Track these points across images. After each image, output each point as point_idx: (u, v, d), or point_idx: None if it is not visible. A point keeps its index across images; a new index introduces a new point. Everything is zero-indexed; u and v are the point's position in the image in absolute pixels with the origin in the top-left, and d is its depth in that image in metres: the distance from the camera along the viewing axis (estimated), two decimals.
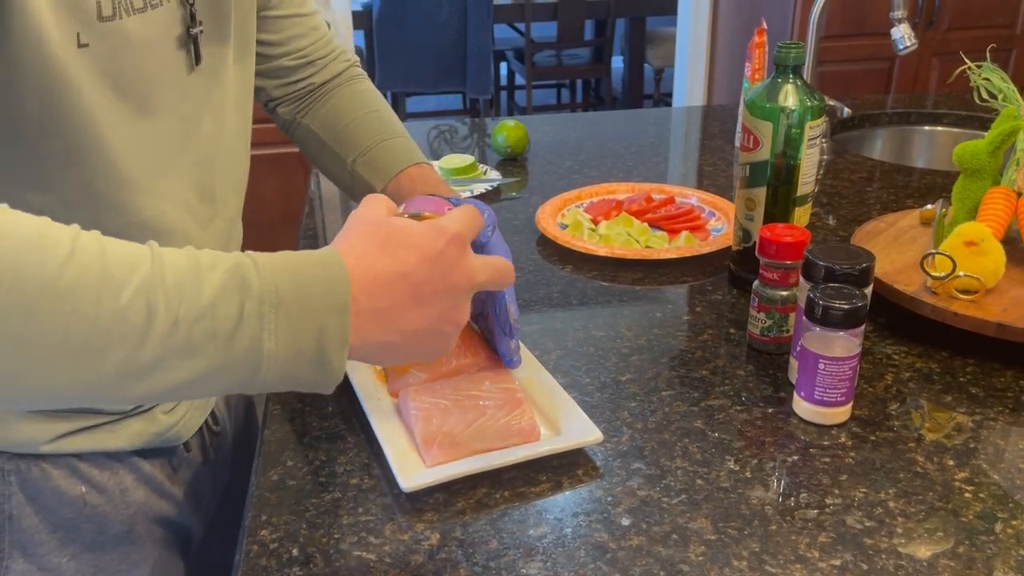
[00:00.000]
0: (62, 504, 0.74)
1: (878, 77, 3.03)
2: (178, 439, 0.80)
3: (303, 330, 0.49)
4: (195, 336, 0.47)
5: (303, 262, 0.51)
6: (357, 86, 0.97)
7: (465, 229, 0.57)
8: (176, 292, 0.46)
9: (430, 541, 0.64)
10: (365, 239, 0.54)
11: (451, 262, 0.55)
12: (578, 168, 1.43)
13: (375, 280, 0.52)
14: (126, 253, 0.47)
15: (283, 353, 0.49)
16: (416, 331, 0.54)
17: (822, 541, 0.63)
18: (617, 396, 0.81)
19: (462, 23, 3.72)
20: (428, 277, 0.54)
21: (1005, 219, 0.95)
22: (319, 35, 0.95)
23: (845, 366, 0.74)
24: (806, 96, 0.91)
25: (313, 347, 0.50)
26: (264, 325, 0.48)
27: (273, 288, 0.49)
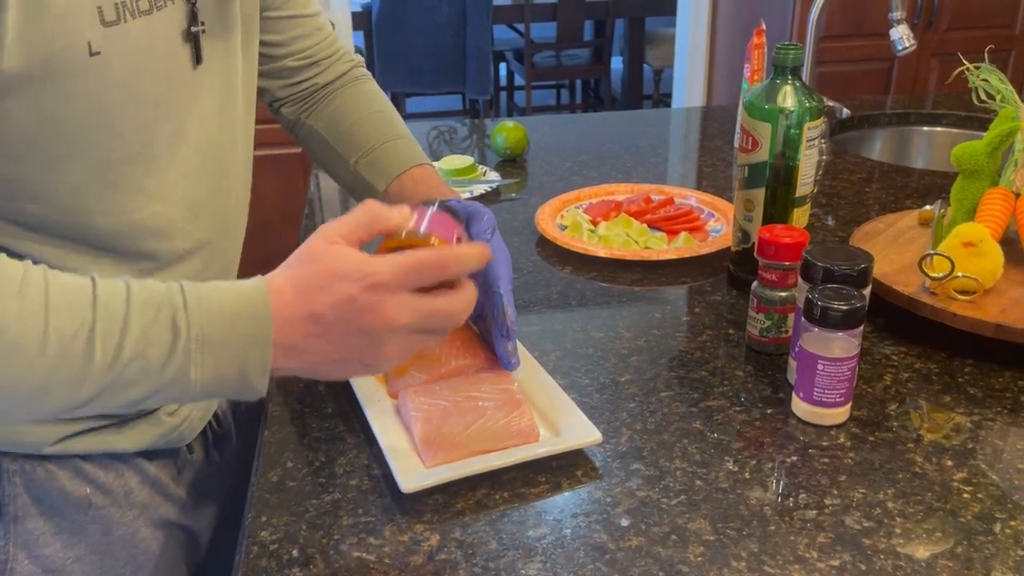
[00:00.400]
0: (67, 505, 0.74)
1: (877, 78, 3.04)
2: (181, 440, 0.81)
3: (226, 362, 0.55)
4: (130, 372, 0.53)
5: (230, 300, 0.56)
6: (361, 86, 0.98)
7: (392, 278, 0.56)
8: (113, 336, 0.52)
9: (429, 542, 0.64)
10: (294, 277, 0.58)
11: (363, 308, 0.56)
12: (577, 169, 1.43)
13: (287, 319, 0.56)
14: (70, 301, 0.52)
15: (208, 381, 0.55)
16: (330, 362, 0.58)
17: (821, 541, 0.64)
18: (616, 397, 0.81)
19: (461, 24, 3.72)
20: (337, 320, 0.56)
21: (1003, 220, 0.95)
22: (323, 36, 0.95)
23: (844, 367, 0.74)
24: (805, 97, 0.91)
25: (236, 375, 0.56)
26: (191, 360, 0.54)
27: (199, 329, 0.54)
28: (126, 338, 0.52)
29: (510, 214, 1.25)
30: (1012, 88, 1.05)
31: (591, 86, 4.97)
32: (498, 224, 1.20)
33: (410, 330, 0.57)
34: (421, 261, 0.56)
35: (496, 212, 1.26)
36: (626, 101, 4.63)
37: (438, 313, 0.58)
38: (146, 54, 0.63)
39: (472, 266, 0.58)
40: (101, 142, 0.63)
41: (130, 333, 0.53)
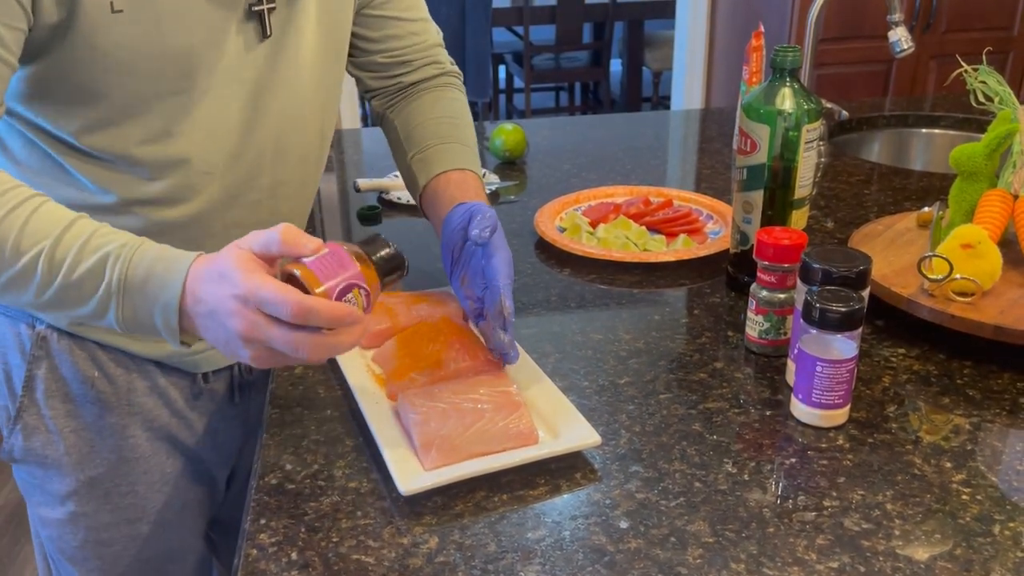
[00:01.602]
0: (75, 380, 0.87)
1: (876, 79, 3.04)
2: (195, 367, 0.91)
3: (141, 310, 0.67)
4: (68, 297, 0.67)
5: (158, 265, 0.66)
6: (443, 92, 1.01)
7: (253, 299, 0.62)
8: (58, 265, 0.66)
9: (428, 544, 0.64)
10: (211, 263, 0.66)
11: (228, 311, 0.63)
12: (576, 171, 1.43)
13: (193, 294, 0.66)
14: (38, 229, 0.66)
15: (128, 320, 0.67)
16: (215, 340, 0.66)
17: (820, 543, 0.64)
18: (615, 399, 0.81)
19: (460, 26, 3.72)
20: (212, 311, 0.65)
21: (1002, 222, 0.95)
22: (417, 40, 1.00)
23: (842, 368, 0.74)
24: (803, 99, 0.91)
25: (149, 324, 0.67)
26: (112, 302, 0.66)
27: (122, 279, 0.66)
28: (64, 269, 0.66)
29: (509, 216, 1.25)
30: (1010, 90, 1.06)
31: (590, 88, 4.97)
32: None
33: (259, 347, 0.64)
34: (278, 299, 0.61)
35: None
36: (625, 103, 4.63)
37: (286, 344, 0.63)
38: (172, 14, 0.72)
39: (322, 323, 0.62)
40: (127, 85, 0.73)
41: (68, 266, 0.66)
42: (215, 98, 0.78)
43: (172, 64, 0.74)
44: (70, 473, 0.89)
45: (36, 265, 0.66)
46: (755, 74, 1.41)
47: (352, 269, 0.65)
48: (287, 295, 0.61)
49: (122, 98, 0.74)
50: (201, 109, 0.77)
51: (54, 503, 0.91)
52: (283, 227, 0.64)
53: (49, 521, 0.92)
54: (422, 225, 1.23)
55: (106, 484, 0.90)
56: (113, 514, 0.91)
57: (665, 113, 1.87)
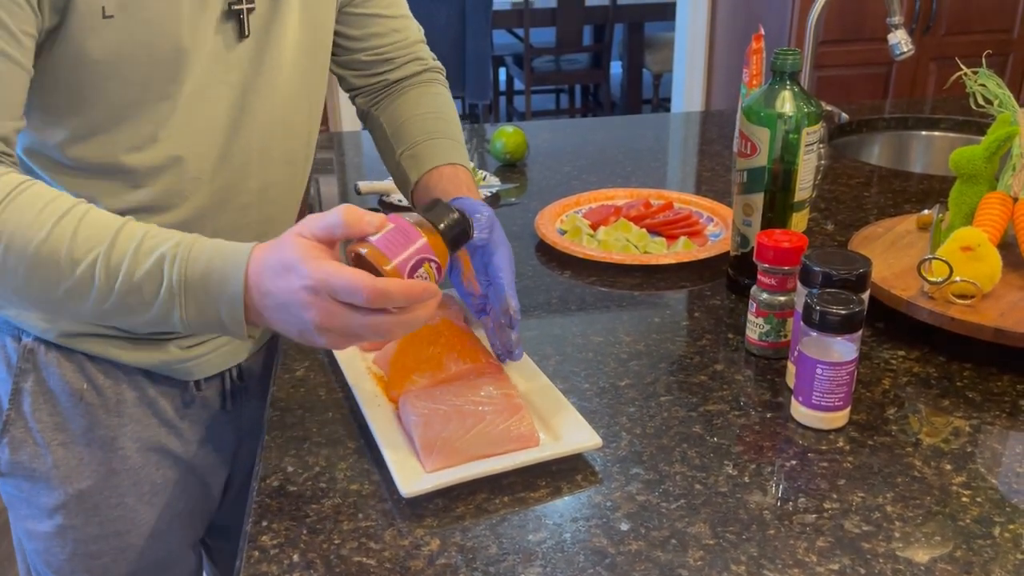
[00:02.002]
0: (63, 393, 0.85)
1: (876, 82, 3.04)
2: (188, 375, 0.89)
3: (206, 307, 0.65)
4: (128, 303, 0.65)
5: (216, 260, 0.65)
6: (427, 88, 1.01)
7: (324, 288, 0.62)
8: (115, 271, 0.64)
9: (430, 546, 0.64)
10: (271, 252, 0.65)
11: (300, 303, 0.63)
12: (577, 174, 1.44)
13: (256, 287, 0.65)
14: (90, 236, 0.65)
15: (192, 321, 0.66)
16: (286, 329, 0.66)
17: (820, 545, 0.64)
18: (616, 401, 0.82)
19: (461, 28, 3.72)
20: (282, 304, 0.64)
21: (1001, 224, 0.96)
22: (400, 37, 1.00)
23: (843, 371, 0.74)
24: (803, 102, 0.91)
25: (215, 320, 0.66)
26: (175, 303, 0.65)
27: (183, 278, 0.65)
28: (124, 271, 0.64)
29: (509, 219, 1.25)
30: (1009, 93, 1.06)
31: (590, 91, 4.98)
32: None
33: (337, 334, 0.63)
34: (351, 287, 0.61)
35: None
36: (625, 106, 4.64)
37: (364, 329, 0.63)
38: (160, 17, 0.72)
39: (398, 303, 0.62)
40: (116, 90, 0.73)
41: (126, 272, 0.64)
42: (201, 100, 0.77)
43: (161, 68, 0.73)
44: (58, 486, 0.87)
45: (93, 274, 0.64)
46: (755, 77, 1.41)
47: (420, 241, 0.64)
48: (360, 281, 0.60)
49: (110, 104, 0.74)
50: (187, 112, 0.77)
51: (41, 516, 0.89)
52: (344, 208, 0.63)
53: (36, 534, 0.90)
54: None
55: (95, 497, 0.88)
56: (102, 527, 0.90)
57: (665, 115, 1.87)
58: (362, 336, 0.64)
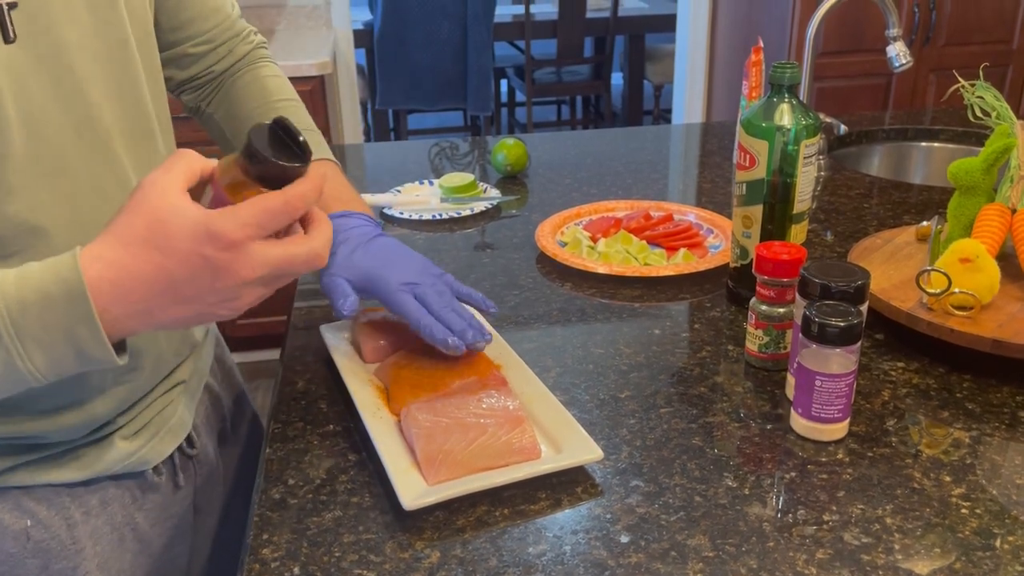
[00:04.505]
0: (5, 538, 0.71)
1: (876, 93, 3.05)
2: (144, 464, 0.78)
3: (54, 344, 0.53)
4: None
5: (42, 282, 0.53)
6: (259, 72, 0.92)
7: (243, 233, 0.54)
8: None
9: (430, 559, 0.64)
10: (125, 236, 0.55)
11: (218, 267, 0.54)
12: (577, 186, 1.44)
13: (121, 286, 0.54)
14: None
15: (44, 366, 0.54)
16: (184, 318, 0.56)
17: (820, 557, 0.64)
18: (616, 413, 0.82)
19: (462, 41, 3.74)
20: (189, 279, 0.54)
21: (1000, 236, 0.96)
22: (222, 17, 0.89)
23: (842, 383, 0.74)
24: (801, 115, 0.92)
25: (72, 354, 0.54)
26: (13, 352, 0.53)
27: (8, 320, 0.52)
28: None
29: (510, 231, 1.26)
30: (1007, 105, 1.06)
31: (591, 102, 4.99)
32: (499, 241, 1.21)
33: (266, 281, 0.56)
34: (268, 210, 0.53)
35: (496, 229, 1.27)
36: (626, 117, 4.65)
37: (295, 260, 0.56)
38: None
39: (313, 199, 0.56)
40: None
41: None
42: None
43: None
44: None
45: None
46: (755, 89, 1.42)
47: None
48: (273, 200, 0.53)
49: None
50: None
51: None
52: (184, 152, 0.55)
53: None
54: (424, 240, 1.24)
55: None
56: None
57: (666, 127, 1.88)
58: (294, 273, 0.56)
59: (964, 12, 2.98)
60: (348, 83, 3.18)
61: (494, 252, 1.19)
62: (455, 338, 0.79)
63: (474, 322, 0.81)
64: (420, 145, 1.71)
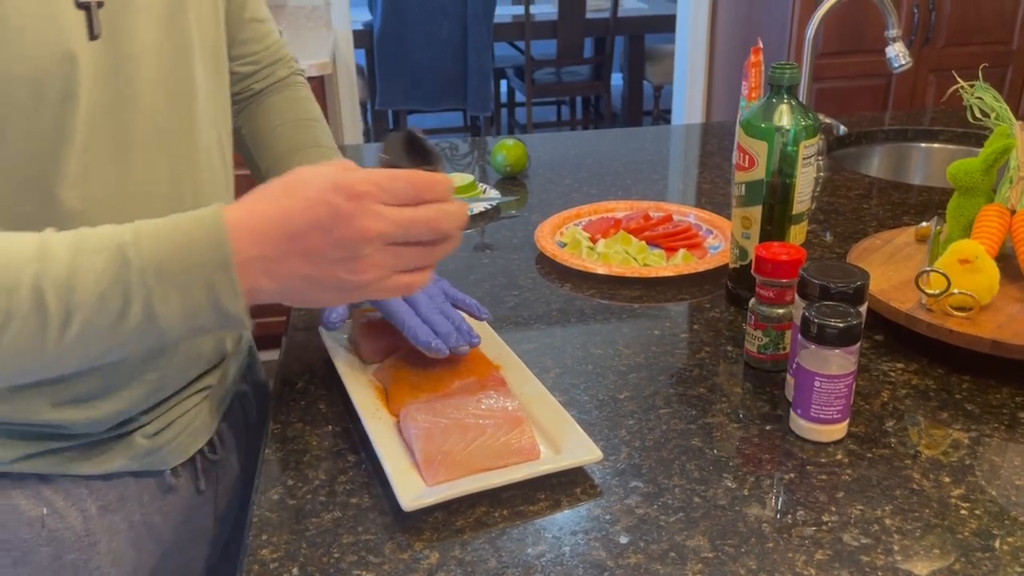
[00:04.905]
0: (20, 524, 0.73)
1: (875, 94, 3.05)
2: (163, 464, 0.79)
3: (192, 290, 0.53)
4: (90, 320, 0.52)
5: (182, 226, 0.54)
6: (288, 92, 0.95)
7: (375, 188, 0.55)
8: (65, 285, 0.51)
9: (429, 560, 0.64)
10: (264, 190, 0.57)
11: (340, 214, 0.55)
12: (577, 186, 1.44)
13: (254, 230, 0.55)
14: (12, 255, 0.51)
15: (178, 314, 0.54)
16: (306, 276, 0.56)
17: (819, 558, 0.64)
18: (615, 414, 0.82)
19: (462, 41, 3.74)
20: (312, 226, 0.55)
21: (999, 236, 0.96)
22: (271, 41, 0.94)
23: (841, 383, 0.74)
24: (800, 116, 0.92)
25: (207, 304, 0.54)
26: (152, 296, 0.53)
27: (155, 261, 0.53)
28: (77, 281, 0.51)
29: (510, 231, 1.26)
30: (1006, 106, 1.06)
31: (591, 102, 5.00)
32: (499, 241, 1.21)
33: (387, 241, 0.56)
34: (394, 175, 0.55)
35: (496, 229, 1.27)
36: (626, 117, 4.66)
37: (418, 223, 0.56)
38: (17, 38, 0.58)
39: (443, 196, 0.57)
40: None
41: (79, 275, 0.51)
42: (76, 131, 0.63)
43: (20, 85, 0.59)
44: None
45: (39, 301, 0.51)
46: (754, 89, 1.42)
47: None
48: (401, 171, 0.54)
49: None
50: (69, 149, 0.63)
51: None
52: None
53: None
54: None
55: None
56: None
57: (665, 128, 1.88)
58: (416, 239, 0.56)
59: (963, 13, 2.98)
60: (348, 83, 3.18)
61: (493, 253, 1.19)
62: (438, 341, 0.78)
63: (463, 325, 0.81)
64: None
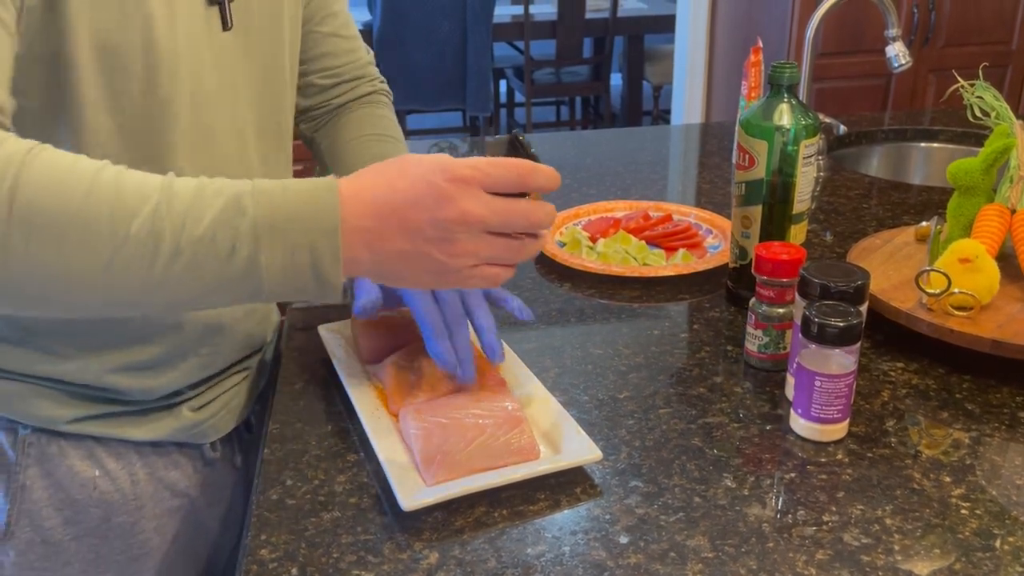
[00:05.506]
0: (74, 484, 0.78)
1: (875, 94, 3.05)
2: (204, 437, 0.85)
3: (296, 248, 0.56)
4: (198, 257, 0.54)
5: (299, 188, 0.57)
6: (372, 109, 0.98)
7: (478, 173, 0.58)
8: (180, 219, 0.54)
9: (429, 560, 0.64)
10: (376, 167, 0.60)
11: (442, 194, 0.57)
12: (576, 186, 1.44)
13: (362, 201, 0.58)
14: (140, 185, 0.55)
15: (279, 269, 0.56)
16: (402, 252, 0.59)
17: (819, 558, 0.64)
18: (615, 414, 0.82)
19: (462, 41, 3.74)
20: (414, 203, 0.58)
21: (999, 236, 0.96)
22: (354, 58, 0.98)
23: (841, 383, 0.74)
24: (800, 115, 0.92)
25: (308, 263, 0.56)
26: (259, 246, 0.55)
27: (268, 212, 0.55)
28: (191, 218, 0.54)
29: None
30: (1006, 105, 1.06)
31: (591, 102, 4.99)
32: None
33: (485, 228, 0.58)
34: (498, 162, 0.58)
35: None
36: (625, 117, 4.65)
37: (515, 212, 0.59)
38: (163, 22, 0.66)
39: (548, 183, 0.61)
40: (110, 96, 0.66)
41: (195, 213, 0.54)
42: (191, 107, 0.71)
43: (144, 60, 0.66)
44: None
45: (153, 228, 0.53)
46: (754, 89, 1.42)
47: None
48: (505, 159, 0.57)
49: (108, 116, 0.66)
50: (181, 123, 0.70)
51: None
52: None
53: None
54: None
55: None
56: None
57: (665, 128, 1.88)
58: (511, 228, 0.59)
59: (963, 13, 2.98)
60: None
61: None
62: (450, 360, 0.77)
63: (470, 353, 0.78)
64: (419, 145, 1.71)
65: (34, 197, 0.52)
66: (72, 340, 0.76)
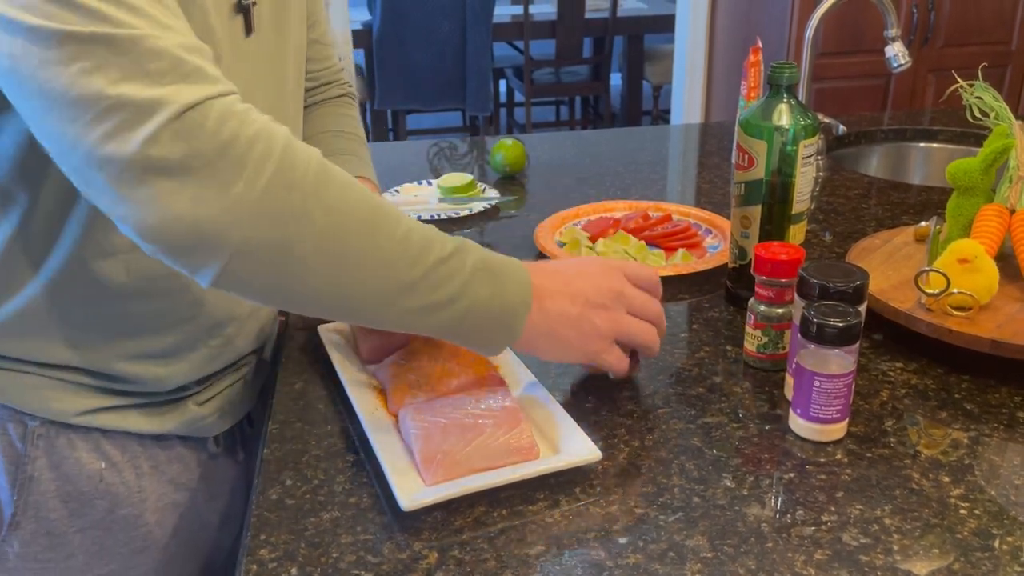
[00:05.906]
0: (80, 476, 0.80)
1: (875, 94, 3.05)
2: (208, 431, 0.87)
3: (497, 289, 0.68)
4: (434, 276, 0.66)
5: (494, 253, 0.71)
6: (336, 108, 1.03)
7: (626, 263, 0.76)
8: (427, 239, 0.66)
9: (428, 560, 0.64)
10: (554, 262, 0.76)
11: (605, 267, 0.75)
12: (576, 186, 1.44)
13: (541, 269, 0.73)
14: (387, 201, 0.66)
15: (483, 298, 0.68)
16: (565, 315, 0.72)
17: (818, 558, 0.64)
18: (614, 414, 0.82)
19: (461, 41, 3.74)
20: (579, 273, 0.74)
21: (998, 236, 0.96)
22: (330, 64, 1.04)
23: (840, 383, 0.74)
24: (800, 115, 0.92)
25: (497, 308, 0.69)
26: (476, 278, 0.68)
27: (479, 259, 0.69)
28: (435, 242, 0.66)
29: (509, 231, 1.26)
30: (1005, 105, 1.06)
31: (590, 102, 4.99)
32: (498, 241, 1.21)
33: (632, 304, 0.74)
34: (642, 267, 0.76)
35: (495, 229, 1.27)
36: (625, 117, 4.65)
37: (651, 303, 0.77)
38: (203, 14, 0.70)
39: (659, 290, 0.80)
40: None
41: (438, 240, 0.67)
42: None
43: None
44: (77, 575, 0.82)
45: (414, 237, 0.65)
46: (753, 89, 1.42)
47: None
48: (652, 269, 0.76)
49: None
50: None
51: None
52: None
53: None
54: None
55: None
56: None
57: (665, 128, 1.88)
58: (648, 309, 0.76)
59: (963, 13, 2.98)
60: None
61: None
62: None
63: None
64: (419, 145, 1.71)
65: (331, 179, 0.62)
66: (90, 327, 0.78)
